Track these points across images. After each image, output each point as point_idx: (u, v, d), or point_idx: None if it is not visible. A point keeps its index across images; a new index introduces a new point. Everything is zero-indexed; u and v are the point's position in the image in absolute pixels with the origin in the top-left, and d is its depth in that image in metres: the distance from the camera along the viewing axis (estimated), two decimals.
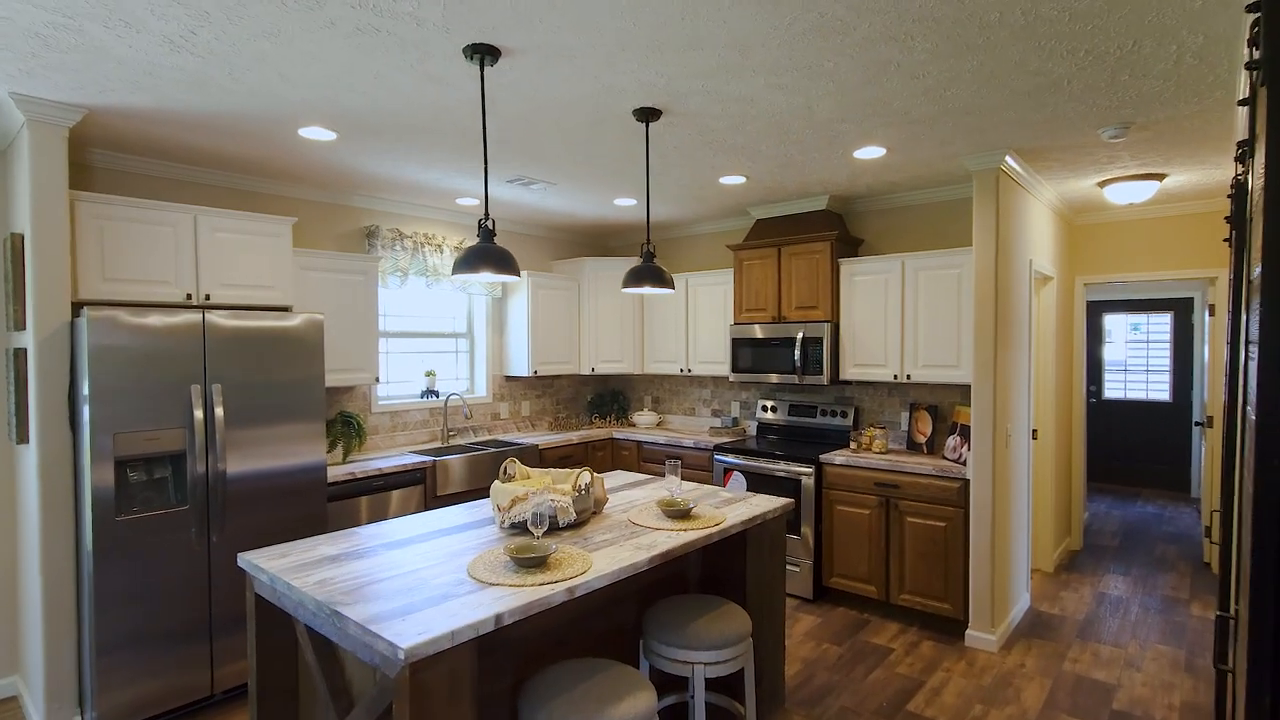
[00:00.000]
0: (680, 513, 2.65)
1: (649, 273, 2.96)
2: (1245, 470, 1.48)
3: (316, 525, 3.45)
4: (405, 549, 2.30)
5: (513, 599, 1.85)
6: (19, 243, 2.88)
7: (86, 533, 2.79)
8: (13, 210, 3.07)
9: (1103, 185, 4.20)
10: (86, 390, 2.75)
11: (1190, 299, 7.54)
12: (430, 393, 4.85)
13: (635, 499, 3.01)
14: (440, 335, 5.14)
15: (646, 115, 2.87)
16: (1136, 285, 6.67)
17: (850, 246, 4.65)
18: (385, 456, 4.29)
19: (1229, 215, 1.89)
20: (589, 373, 5.64)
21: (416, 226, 4.83)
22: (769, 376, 4.71)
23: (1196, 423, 5.59)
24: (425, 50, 2.26)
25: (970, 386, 3.85)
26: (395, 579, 2.01)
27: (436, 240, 4.83)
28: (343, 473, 3.75)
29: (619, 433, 5.48)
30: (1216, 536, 4.46)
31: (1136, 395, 7.92)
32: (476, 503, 2.97)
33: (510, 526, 2.51)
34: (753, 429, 5.34)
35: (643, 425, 5.72)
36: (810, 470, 4.27)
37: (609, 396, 6.09)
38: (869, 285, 4.38)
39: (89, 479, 2.75)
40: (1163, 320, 7.74)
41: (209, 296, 3.29)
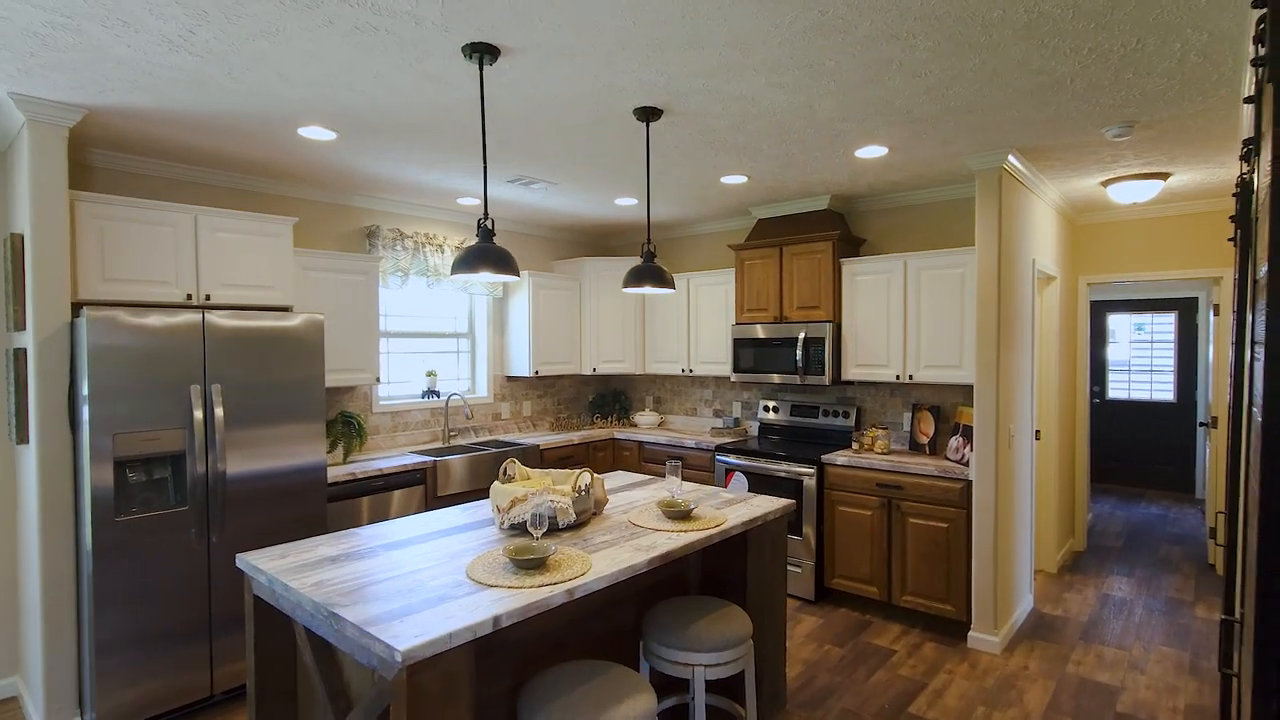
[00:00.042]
0: (681, 514, 2.64)
1: (649, 272, 2.95)
2: (1251, 473, 1.46)
3: (316, 526, 3.45)
4: (404, 550, 2.29)
5: (511, 601, 1.84)
6: (19, 243, 2.88)
7: (86, 533, 2.79)
8: (13, 210, 3.07)
9: (1106, 184, 4.18)
10: (86, 390, 2.75)
11: (1194, 299, 7.50)
12: (431, 393, 4.84)
13: (636, 500, 3.00)
14: (441, 335, 5.13)
15: (647, 114, 2.86)
16: (1140, 285, 6.64)
17: (852, 246, 4.63)
18: (386, 457, 4.28)
19: (1234, 214, 1.87)
20: (590, 373, 5.62)
21: (417, 226, 4.82)
22: (771, 377, 4.70)
23: (1201, 423, 5.56)
24: (424, 49, 2.25)
25: (973, 387, 3.83)
26: (394, 580, 2.00)
27: (437, 240, 4.82)
28: (343, 473, 3.75)
29: (620, 433, 5.47)
30: (1221, 538, 4.43)
31: (1140, 395, 7.89)
32: (476, 503, 2.96)
33: (510, 527, 2.50)
34: (754, 429, 5.33)
35: (644, 425, 5.71)
36: (812, 471, 4.25)
37: (610, 397, 6.08)
38: (871, 285, 4.37)
39: (88, 479, 2.75)
40: (1167, 320, 7.70)
41: (209, 297, 3.29)
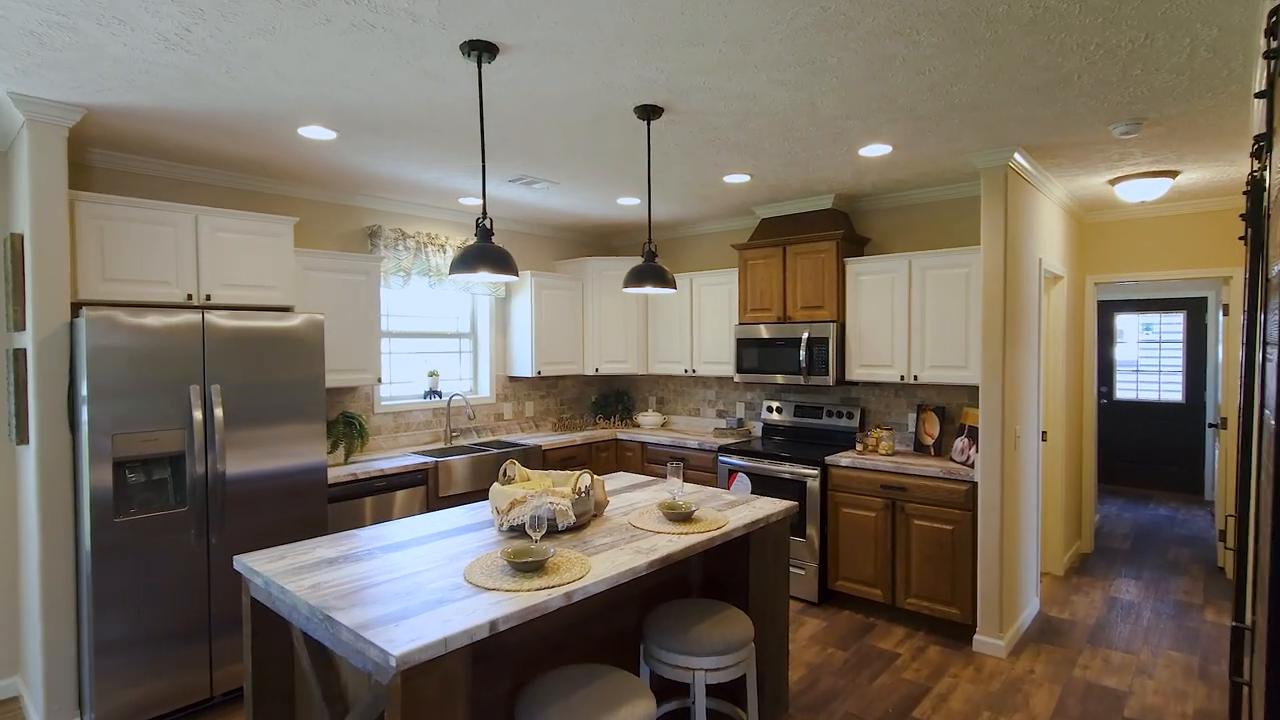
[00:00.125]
0: (682, 516, 2.61)
1: (650, 272, 2.93)
2: (1264, 476, 1.43)
3: (317, 527, 3.44)
4: (403, 552, 2.27)
5: (509, 604, 1.81)
6: (19, 243, 2.87)
7: (85, 534, 2.78)
8: (13, 210, 3.06)
9: (1114, 183, 4.13)
10: (85, 391, 2.74)
11: (1204, 298, 7.43)
12: (433, 393, 4.83)
13: (637, 501, 2.98)
14: (443, 335, 5.12)
15: (648, 113, 2.84)
16: (1148, 285, 6.57)
17: (856, 246, 4.60)
18: (387, 457, 4.27)
19: (1244, 213, 1.84)
20: (593, 373, 5.60)
21: (419, 226, 4.81)
22: (774, 377, 4.67)
23: (1210, 424, 5.50)
24: (421, 46, 2.23)
25: (978, 387, 3.79)
26: (391, 583, 1.98)
27: (439, 240, 4.81)
28: (344, 473, 3.73)
29: (623, 433, 5.44)
30: (1231, 542, 4.38)
31: (1148, 396, 7.82)
32: (476, 505, 2.94)
33: (509, 529, 2.48)
34: (758, 430, 5.29)
35: (647, 426, 5.68)
36: (816, 472, 4.22)
37: (613, 397, 6.06)
38: (875, 285, 4.33)
39: (87, 480, 2.74)
40: (1175, 320, 7.63)
41: (210, 297, 3.28)
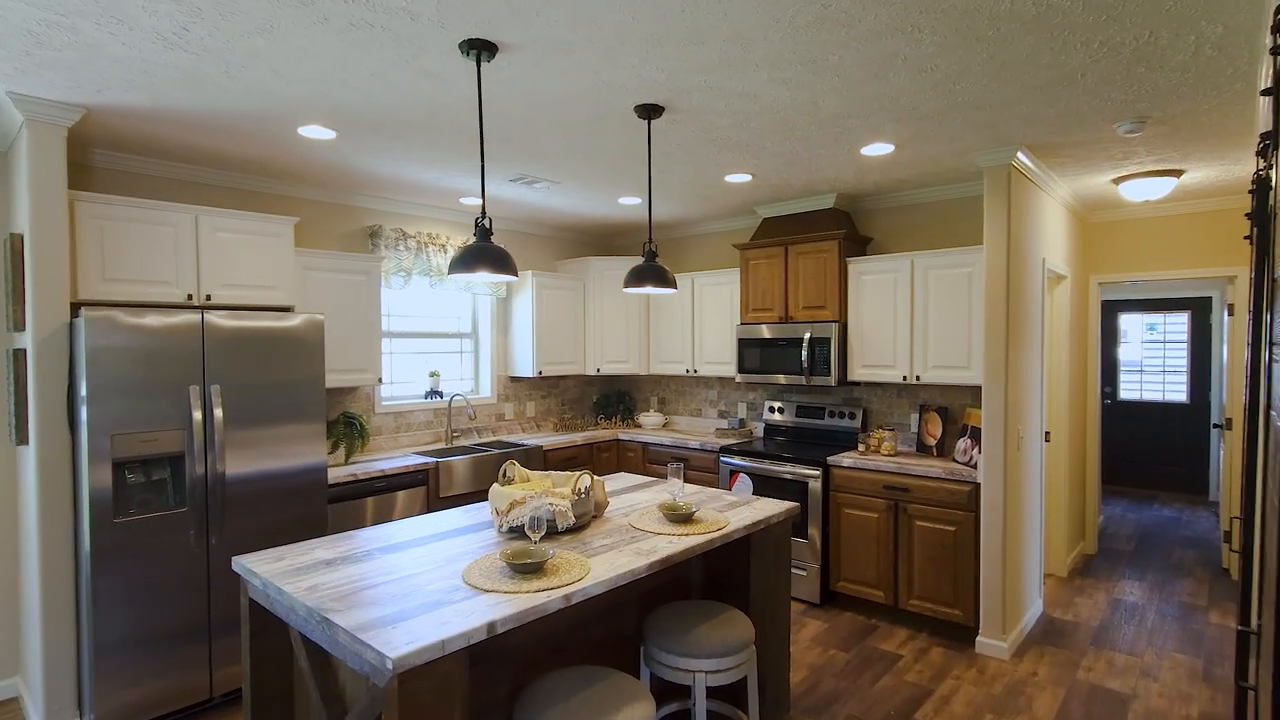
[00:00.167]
0: (682, 517, 2.60)
1: (651, 272, 2.91)
2: (1270, 477, 1.41)
3: (317, 527, 3.43)
4: (402, 553, 2.26)
5: (507, 606, 1.80)
6: (19, 243, 2.87)
7: (85, 535, 2.78)
8: (13, 211, 3.06)
9: (1118, 182, 4.11)
10: (84, 391, 2.73)
11: (1208, 298, 7.39)
12: (434, 393, 4.82)
13: (637, 502, 2.96)
14: (444, 335, 5.11)
15: (648, 112, 2.82)
16: (1153, 284, 6.54)
17: (858, 245, 4.58)
18: (388, 457, 4.26)
19: (1250, 211, 1.82)
20: (594, 373, 5.59)
21: (420, 226, 4.80)
22: (776, 377, 4.65)
23: (1215, 425, 5.46)
24: (420, 45, 2.22)
25: (981, 388, 3.77)
26: (389, 584, 1.97)
27: (440, 240, 4.80)
28: (344, 474, 3.73)
29: (624, 434, 5.43)
30: (1236, 544, 4.35)
31: (1153, 396, 7.78)
32: (476, 505, 2.93)
33: (508, 530, 2.47)
34: (759, 430, 5.28)
35: (648, 426, 5.67)
36: (818, 472, 4.20)
37: (615, 397, 6.05)
38: (878, 285, 4.31)
39: (87, 480, 2.74)
40: (1180, 320, 7.60)
41: (210, 297, 3.28)
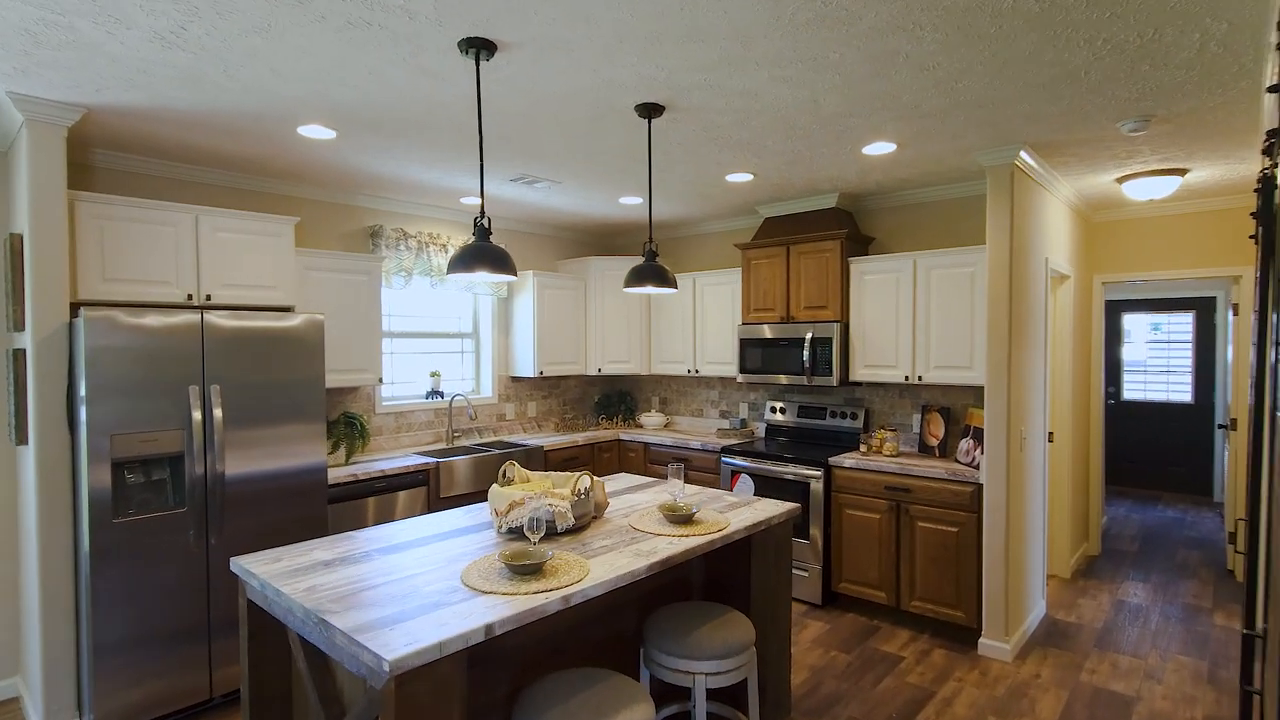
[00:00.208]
0: (682, 518, 2.59)
1: (651, 272, 2.90)
2: (1276, 479, 1.39)
3: (317, 527, 3.42)
4: (401, 554, 2.25)
5: (505, 608, 1.79)
6: (18, 243, 2.87)
7: (84, 535, 2.77)
8: (14, 211, 3.06)
9: (1122, 181, 4.08)
10: (84, 391, 2.73)
11: (1213, 298, 7.35)
12: (435, 393, 4.81)
13: (637, 503, 2.95)
14: (445, 335, 5.10)
15: (648, 111, 2.81)
16: (1157, 284, 6.51)
17: (860, 245, 4.56)
18: (389, 458, 4.26)
19: (1255, 210, 1.80)
20: (596, 373, 5.58)
21: (421, 226, 4.79)
22: (778, 377, 4.63)
23: (1220, 425, 5.43)
24: (418, 44, 2.21)
25: (984, 388, 3.76)
26: (387, 586, 1.96)
27: (441, 240, 4.79)
28: (345, 474, 3.72)
29: (626, 434, 5.42)
30: (1241, 545, 4.32)
31: (1157, 397, 7.74)
32: (476, 506, 2.92)
33: (507, 531, 2.46)
34: (761, 430, 5.26)
35: (650, 426, 5.65)
36: (819, 473, 4.18)
37: (616, 397, 6.03)
38: (880, 284, 4.29)
39: (86, 481, 2.73)
40: (1184, 320, 7.56)
41: (210, 297, 3.27)
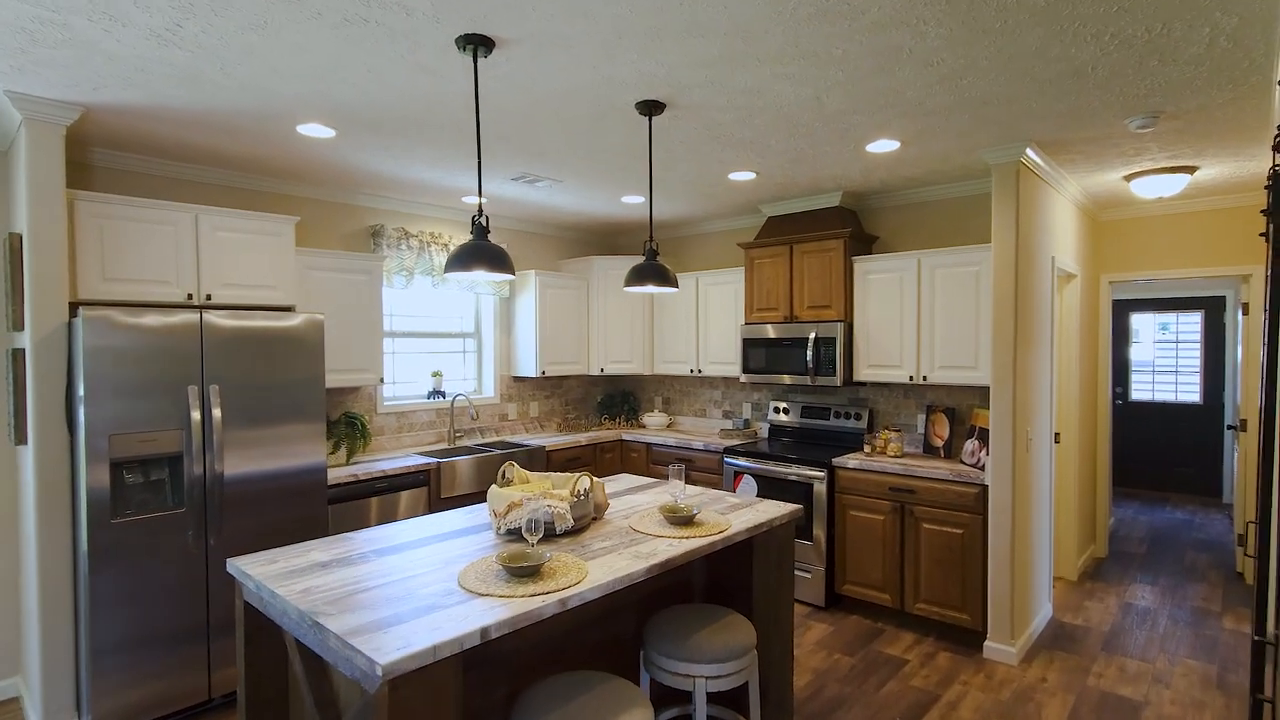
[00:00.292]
0: (683, 519, 2.56)
1: (652, 271, 2.87)
2: None
3: (317, 528, 3.41)
4: (398, 555, 2.23)
5: (502, 611, 1.77)
6: (17, 243, 2.86)
7: (82, 535, 2.76)
8: (13, 210, 3.06)
9: (1129, 179, 4.03)
10: (82, 391, 2.72)
11: (1222, 297, 7.28)
12: (437, 393, 4.80)
13: (638, 504, 2.93)
14: (447, 335, 5.09)
15: (649, 108, 2.78)
16: (1165, 283, 6.45)
17: (864, 244, 4.52)
18: (390, 458, 4.24)
19: (1266, 208, 1.76)
20: (598, 373, 5.56)
21: (422, 225, 4.78)
22: (781, 377, 4.60)
23: (1229, 426, 5.37)
24: (416, 41, 2.19)
25: (989, 388, 3.71)
26: (383, 588, 1.94)
27: (443, 239, 4.78)
28: (345, 474, 3.71)
29: (628, 434, 5.39)
30: (1251, 548, 4.26)
31: (1165, 397, 7.67)
32: (476, 507, 2.90)
33: (506, 533, 2.43)
34: (764, 431, 5.23)
35: (653, 427, 5.63)
36: (823, 474, 4.15)
37: (619, 397, 6.01)
38: (884, 284, 4.25)
39: (84, 481, 2.72)
40: (1193, 319, 7.48)
41: (210, 296, 3.26)
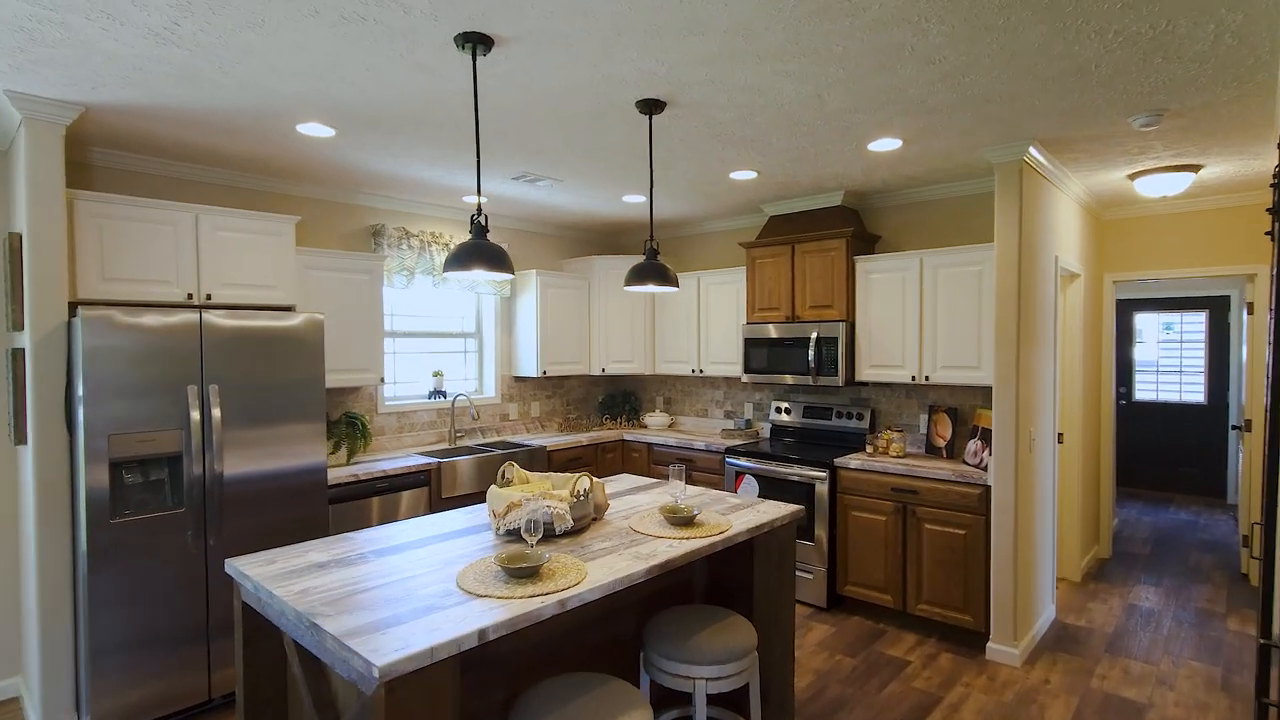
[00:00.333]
0: (684, 520, 2.55)
1: (651, 270, 2.86)
2: None
3: (317, 528, 3.40)
4: (397, 556, 2.22)
5: (500, 612, 1.76)
6: (17, 242, 2.86)
7: (81, 535, 2.76)
8: (13, 210, 3.05)
9: (1133, 178, 4.01)
10: (81, 391, 2.71)
11: (1226, 296, 7.24)
12: (438, 393, 4.79)
13: (639, 504, 2.91)
14: (448, 335, 5.08)
15: (649, 107, 2.77)
16: (1169, 283, 6.42)
17: (866, 243, 4.50)
18: (390, 458, 4.23)
19: (1271, 206, 1.75)
20: (599, 373, 5.54)
21: (423, 225, 4.77)
22: (783, 377, 4.58)
23: (1234, 426, 5.34)
24: (414, 39, 2.18)
25: (992, 388, 3.69)
26: (381, 588, 1.93)
27: (444, 239, 4.77)
28: (345, 474, 3.70)
29: (629, 434, 5.38)
30: (1257, 550, 4.23)
31: (1169, 397, 7.64)
32: (476, 507, 2.89)
33: (505, 533, 2.42)
34: (766, 431, 5.21)
35: (654, 427, 5.61)
36: (824, 474, 4.13)
37: (620, 397, 6.00)
38: (886, 283, 4.24)
39: (83, 481, 2.72)
40: (1197, 319, 7.45)
41: (210, 296, 3.26)
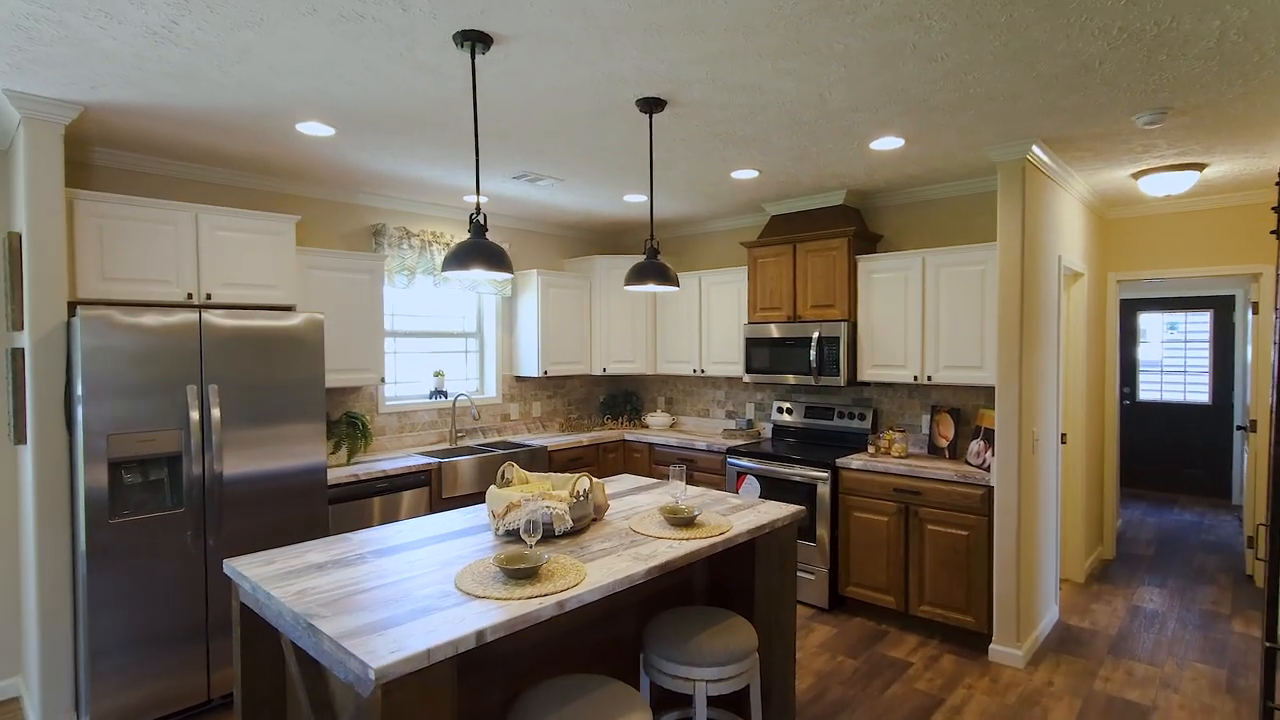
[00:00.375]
0: (684, 520, 2.53)
1: (652, 270, 2.85)
2: None
3: (317, 528, 3.40)
4: (395, 556, 2.22)
5: (498, 613, 1.75)
6: (17, 242, 2.86)
7: (81, 535, 2.75)
8: (12, 210, 3.05)
9: (1137, 176, 3.99)
10: (80, 391, 2.71)
11: (1231, 296, 7.21)
12: (438, 393, 4.78)
13: (639, 505, 2.90)
14: (449, 335, 5.07)
15: (649, 105, 2.76)
16: (1173, 282, 6.38)
17: (868, 243, 4.48)
18: (391, 458, 4.23)
19: (1277, 205, 1.73)
20: (601, 373, 5.53)
21: (424, 225, 4.76)
22: (784, 377, 4.57)
23: (1239, 426, 5.31)
24: (413, 38, 2.17)
25: (995, 388, 3.67)
26: (379, 589, 1.92)
27: (444, 239, 4.76)
28: (345, 474, 3.69)
29: (630, 434, 5.37)
30: (1262, 551, 4.21)
31: (1173, 397, 7.60)
32: (475, 507, 2.88)
33: (505, 534, 2.41)
34: (768, 431, 5.19)
35: (655, 427, 5.60)
36: (826, 475, 4.11)
37: (621, 397, 5.99)
38: (888, 283, 4.22)
39: (83, 481, 2.72)
40: (1201, 319, 7.41)
41: (210, 296, 3.25)
